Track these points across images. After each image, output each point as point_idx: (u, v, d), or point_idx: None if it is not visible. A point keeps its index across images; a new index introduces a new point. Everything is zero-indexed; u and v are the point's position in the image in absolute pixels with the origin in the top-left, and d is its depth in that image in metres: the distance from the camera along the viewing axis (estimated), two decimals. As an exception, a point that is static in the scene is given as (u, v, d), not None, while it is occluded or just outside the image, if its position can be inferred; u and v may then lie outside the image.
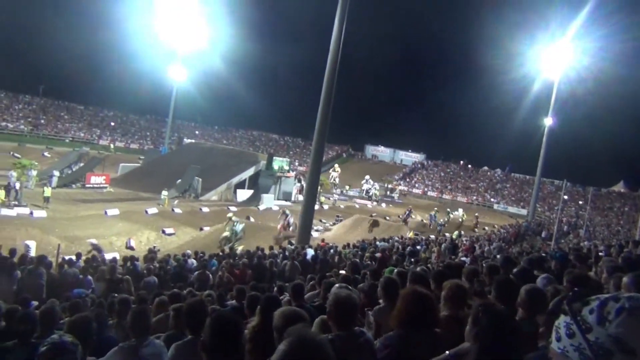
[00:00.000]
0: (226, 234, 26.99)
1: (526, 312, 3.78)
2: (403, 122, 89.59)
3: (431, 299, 3.55)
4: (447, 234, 31.88)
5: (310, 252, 17.22)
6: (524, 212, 61.98)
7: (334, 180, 55.30)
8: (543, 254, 12.96)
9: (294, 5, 74.93)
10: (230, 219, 28.22)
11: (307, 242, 23.58)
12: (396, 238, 26.27)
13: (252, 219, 33.18)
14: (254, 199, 42.85)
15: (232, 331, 2.81)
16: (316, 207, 31.16)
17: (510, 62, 56.09)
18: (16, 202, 28.46)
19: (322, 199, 45.93)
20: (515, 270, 5.87)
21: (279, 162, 48.28)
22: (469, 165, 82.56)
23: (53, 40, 68.84)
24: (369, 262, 14.38)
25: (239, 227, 27.45)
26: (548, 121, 49.73)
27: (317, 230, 32.43)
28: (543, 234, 38.76)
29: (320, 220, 37.44)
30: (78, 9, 69.21)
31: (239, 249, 22.64)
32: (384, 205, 47.85)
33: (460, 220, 45.09)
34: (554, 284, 4.92)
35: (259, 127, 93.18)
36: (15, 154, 44.37)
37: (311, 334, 1.85)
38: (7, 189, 28.82)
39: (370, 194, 55.43)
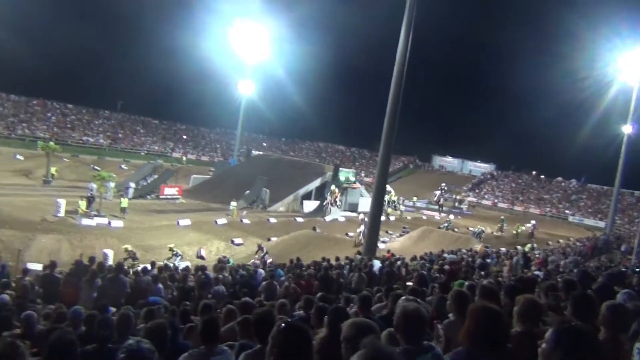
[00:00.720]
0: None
1: (608, 331, 3.58)
2: (472, 132, 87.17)
3: (501, 315, 3.42)
4: (519, 247, 30.78)
5: (377, 264, 17.09)
6: (601, 224, 58.93)
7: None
8: (623, 269, 12.27)
9: (358, 15, 75.02)
10: (170, 249, 24.13)
11: (373, 253, 23.42)
12: (464, 250, 25.66)
13: (318, 230, 33.35)
14: (321, 210, 43.07)
15: (302, 341, 2.81)
16: (382, 218, 30.90)
17: (586, 67, 53.75)
18: (96, 213, 29.92)
19: (389, 210, 45.57)
20: (594, 286, 5.58)
21: (345, 173, 48.32)
22: (542, 176, 79.45)
23: (130, 60, 72.62)
24: (437, 274, 14.11)
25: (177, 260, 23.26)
26: (627, 129, 47.28)
27: (383, 242, 32.18)
28: (623, 248, 36.67)
29: (387, 232, 37.14)
30: (153, 30, 72.20)
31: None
32: (452, 217, 46.84)
33: (530, 232, 43.48)
34: (635, 301, 4.65)
35: (325, 138, 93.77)
36: (95, 167, 46.69)
37: (386, 347, 1.83)
38: (89, 200, 30.39)
39: (440, 202, 54.46)
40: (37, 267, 16.07)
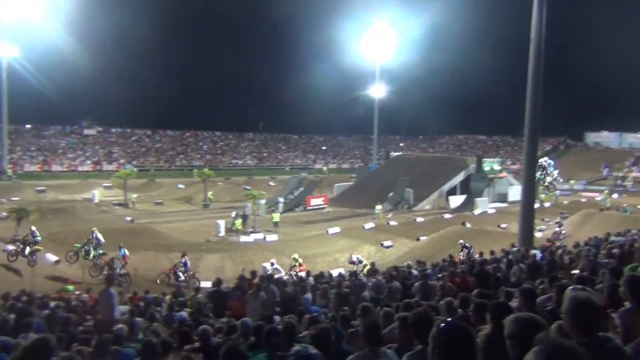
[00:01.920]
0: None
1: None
2: (627, 101, 78.16)
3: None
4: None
5: (536, 254, 16.10)
6: None
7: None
8: None
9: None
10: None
11: (530, 243, 22.10)
12: (634, 231, 23.20)
13: (468, 225, 32.32)
14: (468, 204, 41.72)
15: (464, 340, 2.72)
16: (536, 205, 29.11)
17: None
18: (252, 229, 31.81)
19: (542, 196, 42.86)
20: None
21: (489, 164, 46.42)
22: None
23: (266, 82, 76.86)
24: (605, 260, 12.93)
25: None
26: None
27: (540, 230, 30.28)
28: None
29: (543, 220, 34.89)
30: (286, 53, 75.38)
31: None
32: (615, 195, 42.80)
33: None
34: None
35: (464, 130, 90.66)
36: (246, 187, 49.62)
37: (565, 342, 1.70)
38: (244, 218, 32.46)
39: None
40: (207, 284, 17.42)
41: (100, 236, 23.44)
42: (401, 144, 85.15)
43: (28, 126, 61.78)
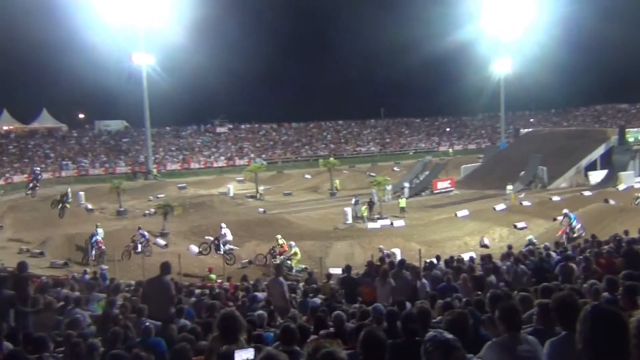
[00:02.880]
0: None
1: None
2: None
3: None
4: None
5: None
6: None
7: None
8: None
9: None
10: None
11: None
12: None
13: (611, 202, 29.85)
14: (610, 180, 38.54)
15: (616, 326, 2.52)
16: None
17: None
18: (379, 216, 31.97)
19: None
20: None
21: (633, 134, 42.53)
22: None
23: (386, 66, 76.53)
24: None
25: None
26: None
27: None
28: None
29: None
30: (409, 30, 74.40)
31: None
32: None
33: None
34: None
35: (603, 99, 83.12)
36: (371, 174, 49.85)
37: None
38: (370, 204, 32.70)
39: None
40: (337, 271, 17.79)
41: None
42: (531, 120, 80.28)
43: (168, 128, 66.80)
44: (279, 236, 24.07)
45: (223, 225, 25.04)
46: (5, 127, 62.14)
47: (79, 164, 54.36)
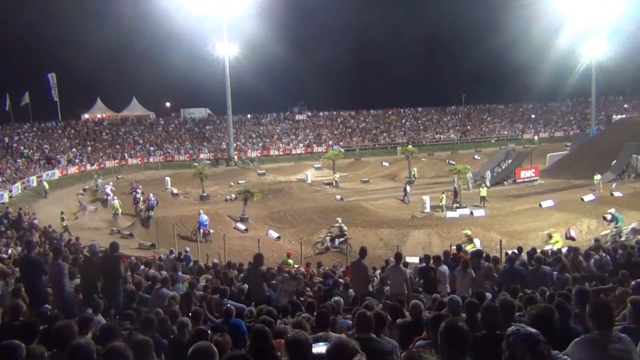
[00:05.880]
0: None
1: None
2: None
3: None
4: None
5: None
6: None
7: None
8: None
9: None
10: None
11: None
12: None
13: None
14: None
15: None
16: None
17: None
18: (458, 205, 31.32)
19: None
20: None
21: None
22: None
23: (467, 50, 74.25)
24: None
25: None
26: None
27: None
28: None
29: None
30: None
31: None
32: None
33: None
34: None
35: None
36: (451, 161, 48.86)
37: None
38: (455, 193, 32.10)
39: None
40: (414, 259, 17.62)
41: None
42: (625, 105, 75.22)
43: (248, 115, 68.29)
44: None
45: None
46: (98, 115, 65.99)
47: (165, 151, 56.80)
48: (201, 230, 25.24)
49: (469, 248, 21.01)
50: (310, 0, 73.72)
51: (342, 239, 23.75)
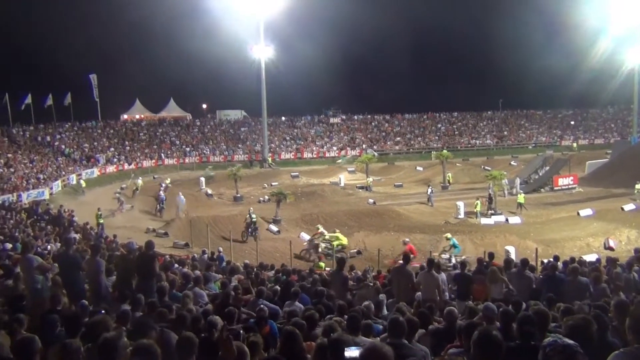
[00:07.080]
0: None
1: None
2: None
3: None
4: None
5: None
6: None
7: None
8: None
9: None
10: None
11: None
12: None
13: None
14: None
15: None
16: None
17: None
18: (493, 211, 30.83)
19: None
20: None
21: None
22: None
23: (504, 55, 73.24)
24: None
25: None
26: None
27: None
28: None
29: None
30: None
31: None
32: None
33: None
34: None
35: None
36: (486, 167, 48.17)
37: None
38: (489, 199, 31.57)
39: None
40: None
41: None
42: (668, 112, 73.15)
43: (283, 118, 68.71)
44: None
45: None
46: (137, 116, 67.45)
47: (200, 152, 57.60)
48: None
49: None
50: (346, 5, 73.78)
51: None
